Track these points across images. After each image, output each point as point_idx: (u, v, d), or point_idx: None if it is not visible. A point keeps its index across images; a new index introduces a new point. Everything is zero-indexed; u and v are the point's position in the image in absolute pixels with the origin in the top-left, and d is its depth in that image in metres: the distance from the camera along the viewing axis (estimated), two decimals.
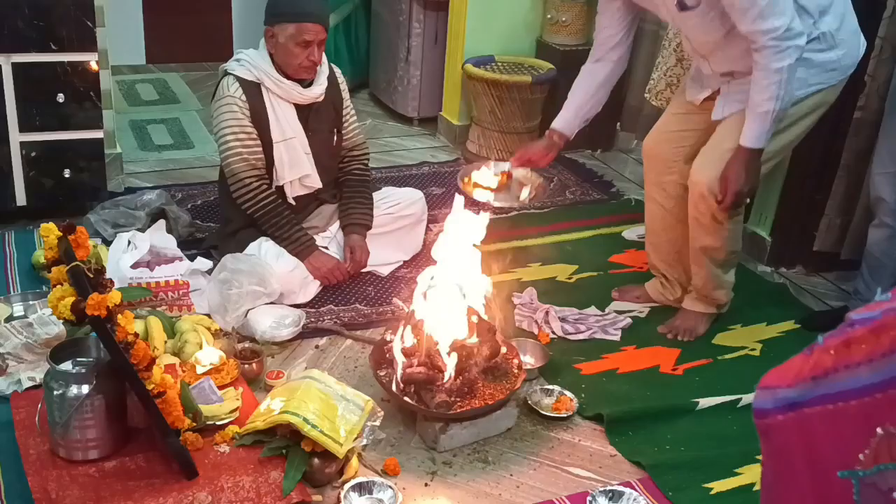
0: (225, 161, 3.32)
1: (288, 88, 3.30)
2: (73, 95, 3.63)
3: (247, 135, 3.28)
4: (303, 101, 3.36)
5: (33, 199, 3.73)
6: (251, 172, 3.30)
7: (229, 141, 3.28)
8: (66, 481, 2.36)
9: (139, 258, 3.22)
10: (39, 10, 3.47)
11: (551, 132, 3.27)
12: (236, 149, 3.28)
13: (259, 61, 3.28)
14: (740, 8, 2.68)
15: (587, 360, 3.15)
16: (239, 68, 3.28)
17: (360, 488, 2.44)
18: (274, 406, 2.52)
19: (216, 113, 3.31)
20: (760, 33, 2.68)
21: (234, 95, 3.26)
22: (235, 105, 3.26)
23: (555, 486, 2.58)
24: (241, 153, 3.29)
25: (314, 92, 3.37)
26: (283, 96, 3.31)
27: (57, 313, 2.32)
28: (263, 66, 3.27)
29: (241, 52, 3.35)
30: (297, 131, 3.37)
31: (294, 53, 3.22)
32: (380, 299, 3.44)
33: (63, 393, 2.37)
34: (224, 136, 3.29)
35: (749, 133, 2.83)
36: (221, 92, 3.29)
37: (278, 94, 3.30)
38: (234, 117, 3.26)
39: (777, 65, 2.70)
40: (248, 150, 3.30)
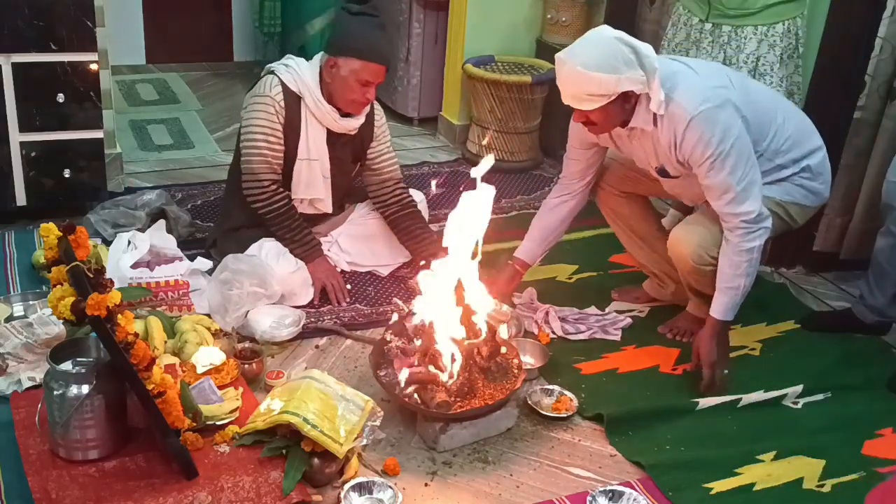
0: (246, 157, 3.27)
1: (326, 113, 3.28)
2: (73, 95, 3.63)
3: (276, 138, 3.25)
4: (338, 129, 3.34)
5: (33, 198, 3.73)
6: (270, 175, 3.27)
7: (257, 139, 3.24)
8: (66, 481, 2.36)
9: (139, 258, 3.22)
10: (39, 10, 3.47)
11: (514, 261, 3.31)
12: (261, 148, 3.25)
13: (307, 76, 3.24)
14: (716, 192, 2.81)
15: (587, 360, 3.15)
16: (286, 74, 3.25)
17: (360, 488, 2.44)
18: (274, 406, 2.52)
19: (250, 107, 3.26)
20: (733, 216, 2.82)
21: (275, 98, 3.22)
22: (273, 107, 3.22)
23: (555, 486, 2.58)
24: (264, 154, 3.25)
25: (351, 125, 3.35)
26: (319, 119, 3.29)
27: (57, 313, 2.32)
28: (309, 83, 3.24)
29: (290, 58, 3.32)
30: (321, 154, 3.35)
31: (352, 89, 3.20)
32: (380, 299, 3.43)
33: (63, 393, 2.37)
34: (252, 132, 3.25)
35: (718, 306, 2.92)
36: (262, 89, 3.24)
37: (315, 114, 3.28)
38: (269, 118, 3.23)
39: (748, 245, 2.83)
40: (273, 152, 3.26)
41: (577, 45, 2.71)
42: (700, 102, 2.73)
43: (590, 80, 2.63)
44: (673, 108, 2.75)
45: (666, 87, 2.73)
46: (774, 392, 3.01)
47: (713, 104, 2.74)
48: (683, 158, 2.82)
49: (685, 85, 2.77)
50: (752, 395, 2.98)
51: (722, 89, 2.80)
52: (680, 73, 2.80)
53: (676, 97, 2.75)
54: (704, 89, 2.78)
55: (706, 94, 2.76)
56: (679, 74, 2.79)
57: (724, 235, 2.88)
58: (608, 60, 2.63)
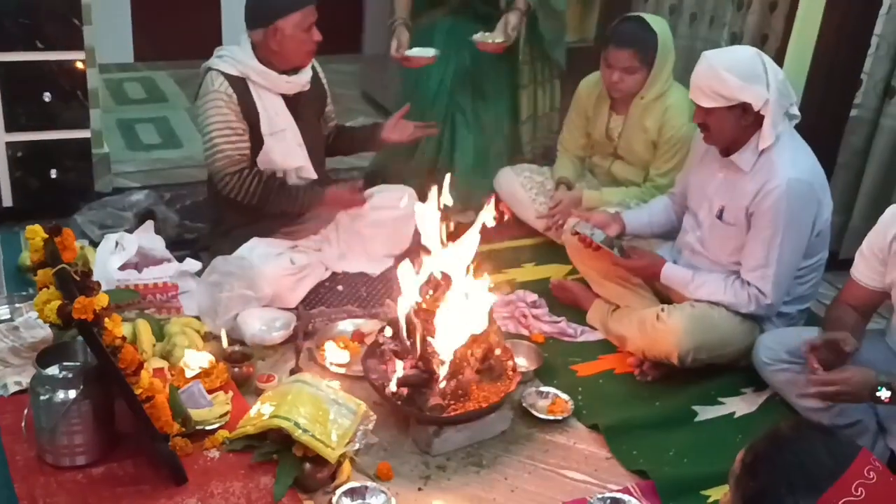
0: (208, 160, 3.27)
1: (275, 79, 3.27)
2: (60, 94, 3.60)
3: (232, 130, 3.24)
4: (290, 89, 3.33)
5: (19, 199, 3.71)
6: (232, 168, 3.25)
7: (214, 138, 3.23)
8: (53, 488, 2.34)
9: (127, 260, 3.18)
10: (26, 8, 3.45)
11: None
12: (220, 145, 3.23)
13: (242, 56, 3.24)
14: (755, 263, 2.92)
15: (583, 362, 3.13)
16: (222, 64, 3.24)
17: (352, 493, 2.41)
18: (264, 410, 2.49)
19: (200, 109, 3.26)
20: (753, 286, 2.94)
21: (220, 90, 3.21)
22: (221, 100, 3.21)
23: (550, 489, 2.55)
24: (224, 150, 3.24)
25: (302, 79, 3.35)
26: (270, 87, 3.28)
27: (43, 317, 2.29)
28: (247, 61, 3.24)
29: (221, 48, 3.32)
30: (287, 123, 3.34)
31: (302, 40, 3.22)
32: (371, 300, 3.40)
33: (50, 398, 2.34)
34: (209, 134, 3.24)
35: (675, 276, 3.06)
36: (206, 88, 3.24)
37: (265, 85, 3.27)
38: (220, 112, 3.22)
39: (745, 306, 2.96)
40: (233, 146, 3.25)
41: (723, 49, 3.00)
42: (802, 171, 2.86)
43: (717, 78, 2.78)
44: (775, 158, 2.85)
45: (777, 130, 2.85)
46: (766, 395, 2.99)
47: (810, 180, 2.87)
48: (754, 209, 2.89)
49: (794, 145, 2.92)
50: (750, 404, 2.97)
51: (819, 175, 2.94)
52: (792, 133, 2.94)
53: (784, 153, 2.86)
54: (809, 161, 2.92)
55: (812, 166, 2.91)
56: (791, 134, 2.94)
57: (733, 280, 2.99)
58: (741, 67, 2.78)
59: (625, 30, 3.43)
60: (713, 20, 4.34)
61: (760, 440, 1.61)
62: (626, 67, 3.41)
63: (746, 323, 2.99)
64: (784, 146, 2.87)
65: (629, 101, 3.53)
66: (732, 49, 2.97)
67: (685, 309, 2.98)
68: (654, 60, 3.41)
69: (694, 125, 3.10)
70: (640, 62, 3.40)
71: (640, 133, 3.55)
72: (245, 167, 3.28)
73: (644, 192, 3.58)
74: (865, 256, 2.65)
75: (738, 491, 1.60)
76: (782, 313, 3.06)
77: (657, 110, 3.48)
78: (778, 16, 3.88)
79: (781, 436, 1.60)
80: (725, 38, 4.13)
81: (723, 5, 4.23)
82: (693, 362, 2.93)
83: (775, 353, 2.80)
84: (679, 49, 3.91)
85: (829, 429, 1.71)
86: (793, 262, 2.93)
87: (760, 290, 2.92)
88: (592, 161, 3.86)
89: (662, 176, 3.54)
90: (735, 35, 4.08)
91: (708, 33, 4.37)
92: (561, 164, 3.86)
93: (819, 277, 3.11)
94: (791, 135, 2.93)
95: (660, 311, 2.99)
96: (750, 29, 3.99)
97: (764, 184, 2.85)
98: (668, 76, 3.48)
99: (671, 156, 3.50)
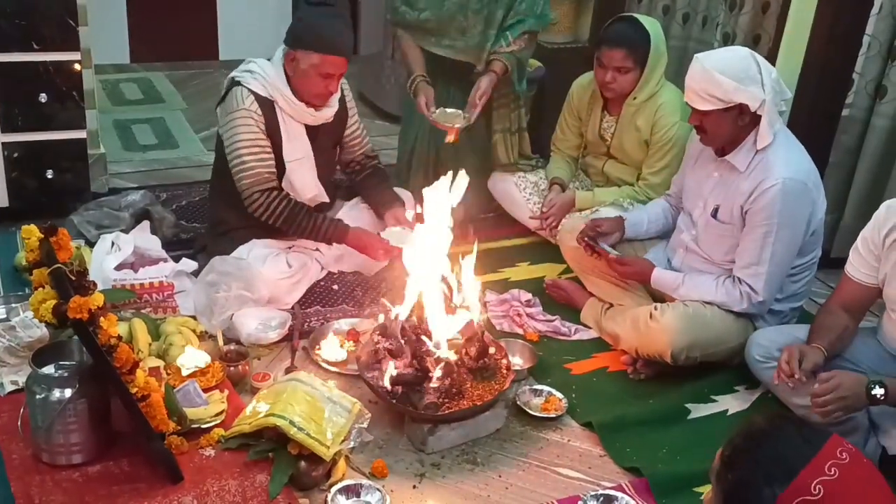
0: (236, 176, 3.20)
1: (301, 110, 3.23)
2: (56, 95, 3.60)
3: (261, 148, 3.18)
4: (314, 122, 3.29)
5: (16, 200, 3.70)
6: (262, 186, 3.20)
7: (243, 155, 3.17)
8: (49, 486, 2.34)
9: (123, 259, 3.19)
10: (21, 9, 3.44)
11: None
12: (249, 163, 3.17)
13: (274, 78, 3.17)
14: (748, 261, 2.93)
15: (577, 360, 3.15)
16: (253, 82, 3.17)
17: (347, 491, 2.42)
18: (260, 409, 2.50)
19: (229, 125, 3.18)
20: (745, 284, 2.95)
21: (250, 109, 3.14)
22: (251, 118, 3.14)
23: (544, 487, 2.57)
24: (253, 167, 3.18)
25: (326, 114, 3.30)
26: (295, 117, 3.24)
27: (39, 316, 2.29)
28: (279, 85, 3.17)
29: (252, 62, 3.24)
30: (306, 151, 3.31)
31: (314, 82, 3.15)
32: (367, 300, 3.41)
33: (45, 397, 2.34)
34: (237, 150, 3.17)
35: (665, 280, 3.09)
36: (235, 103, 3.15)
37: (290, 113, 3.23)
38: (250, 130, 3.15)
39: (737, 304, 2.97)
40: (262, 163, 3.19)
41: (716, 51, 2.96)
42: (797, 170, 2.87)
43: (712, 80, 2.78)
44: (770, 157, 2.87)
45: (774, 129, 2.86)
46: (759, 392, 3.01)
47: (804, 180, 2.87)
48: (749, 208, 2.90)
49: (789, 144, 2.93)
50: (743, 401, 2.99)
51: (814, 174, 2.94)
52: (786, 133, 2.96)
53: (779, 152, 2.88)
54: (804, 161, 2.93)
55: (807, 165, 2.92)
56: (786, 133, 2.95)
57: (724, 280, 3.00)
58: (735, 69, 2.78)
59: (617, 30, 3.45)
60: (706, 20, 4.36)
61: (737, 435, 1.64)
62: (619, 67, 3.42)
63: (739, 321, 3.01)
64: (779, 146, 2.88)
65: (622, 101, 3.54)
66: (725, 50, 2.96)
67: (678, 307, 2.99)
68: (647, 60, 3.42)
69: (686, 124, 3.11)
70: (633, 62, 3.42)
71: (633, 133, 3.57)
72: (274, 187, 3.23)
73: (637, 192, 3.60)
74: (860, 252, 2.66)
75: (719, 485, 1.63)
76: (775, 311, 3.07)
77: (649, 110, 3.50)
78: (770, 16, 3.90)
79: (757, 429, 1.62)
80: (718, 38, 4.14)
81: (715, 6, 4.24)
82: (686, 360, 2.94)
83: (768, 350, 2.81)
84: (672, 49, 3.93)
85: (802, 419, 1.75)
86: (786, 261, 2.94)
87: (752, 288, 2.93)
88: (585, 161, 3.87)
89: (655, 175, 3.55)
90: (728, 35, 4.09)
91: (701, 34, 4.38)
92: (554, 165, 3.87)
93: (812, 276, 3.12)
94: (786, 134, 2.95)
95: (653, 310, 3.00)
96: (742, 29, 4.01)
97: (759, 183, 2.86)
98: (660, 76, 3.49)
99: (663, 155, 3.51)
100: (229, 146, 3.19)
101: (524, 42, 3.67)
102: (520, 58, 3.69)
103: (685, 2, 4.45)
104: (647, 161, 3.59)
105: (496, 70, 3.63)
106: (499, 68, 3.63)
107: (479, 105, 3.60)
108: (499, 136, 3.92)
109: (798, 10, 3.62)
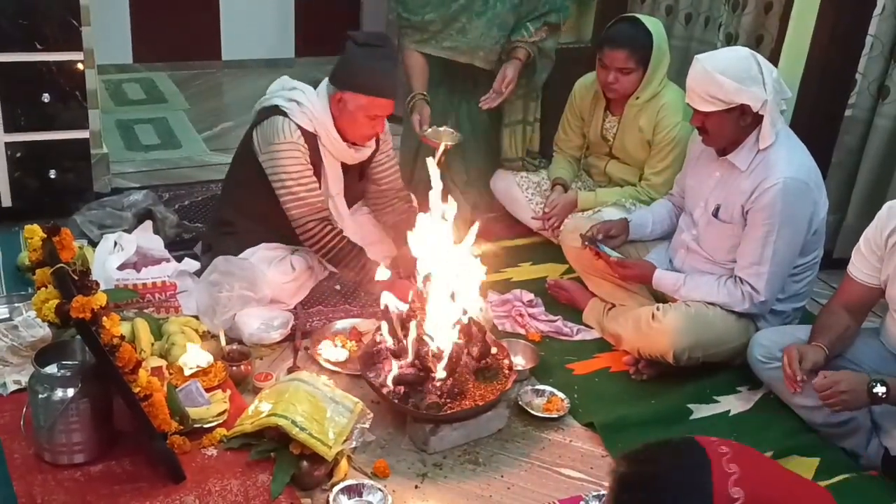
0: (287, 205, 3.15)
1: (343, 150, 3.21)
2: (59, 95, 3.60)
3: (309, 179, 3.15)
4: (352, 161, 3.29)
5: (18, 199, 3.71)
6: (317, 216, 3.17)
7: (292, 187, 3.13)
8: (51, 486, 2.34)
9: (126, 259, 3.19)
10: (24, 9, 3.45)
11: None
12: (300, 194, 3.14)
13: (321, 114, 3.14)
14: (750, 260, 2.92)
15: (579, 360, 3.15)
16: (300, 115, 3.13)
17: (349, 491, 2.42)
18: (262, 408, 2.50)
19: (277, 156, 3.11)
20: (747, 283, 2.94)
21: (298, 142, 3.10)
22: (299, 151, 3.11)
23: (546, 487, 2.56)
24: (305, 198, 3.15)
25: (364, 154, 3.31)
26: (335, 154, 3.23)
27: (41, 316, 2.30)
28: (325, 122, 3.15)
29: (296, 89, 3.18)
30: (340, 188, 3.32)
31: (361, 124, 3.13)
32: (368, 300, 3.40)
33: (48, 396, 2.34)
34: (286, 182, 3.13)
35: (666, 281, 3.08)
36: (281, 135, 3.09)
37: (331, 151, 3.21)
38: (298, 162, 3.12)
39: (738, 304, 2.96)
40: (312, 193, 3.16)
41: (716, 52, 2.94)
42: (798, 170, 2.85)
43: (713, 82, 2.77)
44: (772, 157, 2.86)
45: (776, 129, 2.86)
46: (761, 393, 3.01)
47: (806, 179, 2.86)
48: (750, 207, 2.89)
49: (790, 144, 2.92)
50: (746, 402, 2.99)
51: (815, 174, 2.93)
52: (787, 132, 2.95)
53: (781, 151, 2.87)
54: (805, 160, 2.92)
55: (809, 165, 2.91)
56: (787, 132, 2.95)
57: (726, 280, 2.99)
58: (736, 70, 2.78)
59: (620, 30, 3.44)
60: (708, 21, 4.35)
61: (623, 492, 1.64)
62: (622, 68, 3.42)
63: (741, 321, 3.00)
64: (781, 145, 2.88)
65: (624, 101, 3.54)
66: (726, 51, 2.96)
67: (680, 308, 2.99)
68: (650, 61, 3.42)
69: (688, 124, 3.11)
70: (636, 63, 3.42)
71: (635, 133, 3.57)
72: (328, 217, 3.21)
73: (639, 192, 3.60)
74: (862, 253, 2.66)
75: None
76: (777, 311, 3.07)
77: (652, 110, 3.50)
78: (773, 16, 3.90)
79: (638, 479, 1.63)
80: (721, 38, 4.14)
81: (718, 6, 4.24)
82: (688, 361, 2.94)
83: (770, 351, 2.81)
84: (674, 50, 3.92)
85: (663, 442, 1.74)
86: (787, 261, 2.94)
87: (754, 288, 2.92)
88: (588, 161, 3.88)
89: (657, 175, 3.55)
90: (730, 36, 4.09)
91: (703, 34, 4.38)
92: (556, 165, 3.87)
93: (814, 276, 3.12)
94: (787, 134, 2.94)
95: (655, 310, 3.00)
96: (745, 29, 4.01)
97: (761, 182, 2.85)
98: (662, 76, 3.49)
99: (665, 155, 3.51)
100: (276, 177, 3.14)
101: (545, 33, 3.75)
102: (542, 47, 3.76)
103: (688, 2, 4.45)
104: (649, 161, 3.59)
105: (520, 57, 3.69)
106: (522, 55, 3.70)
107: (505, 93, 3.65)
108: (508, 130, 3.95)
109: (800, 11, 3.62)
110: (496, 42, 3.68)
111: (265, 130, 3.13)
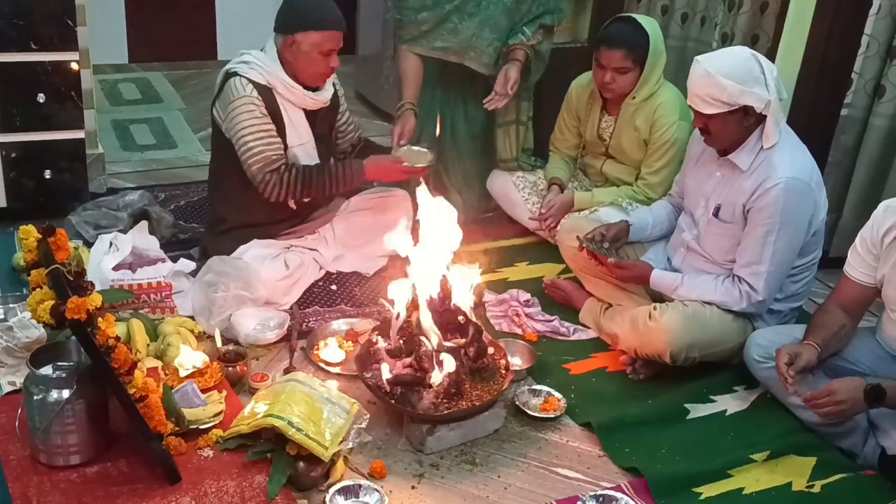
0: (246, 163, 3.18)
1: (301, 94, 3.24)
2: (54, 95, 3.60)
3: (266, 132, 3.18)
4: (314, 106, 3.31)
5: (13, 200, 3.70)
6: (272, 167, 3.19)
7: (249, 142, 3.16)
8: (47, 487, 2.34)
9: (121, 260, 3.18)
10: (19, 9, 3.44)
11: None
12: (255, 148, 3.16)
13: (271, 66, 3.19)
14: (749, 259, 2.92)
15: (576, 360, 3.15)
16: (250, 72, 3.17)
17: (345, 492, 2.42)
18: (258, 409, 2.50)
19: (233, 114, 3.15)
20: (745, 282, 2.94)
21: (251, 96, 3.15)
22: (253, 104, 3.15)
23: (543, 487, 2.57)
24: (262, 151, 3.17)
25: (324, 96, 3.33)
26: (295, 102, 3.25)
27: (36, 317, 2.28)
28: (276, 72, 3.19)
29: (246, 53, 3.25)
30: (308, 136, 3.33)
31: (316, 61, 3.17)
32: (365, 300, 3.41)
33: (43, 398, 2.34)
34: (243, 137, 3.16)
35: (664, 282, 3.08)
36: (235, 93, 3.15)
37: (290, 99, 3.24)
38: (253, 115, 3.15)
39: (736, 303, 2.96)
40: (270, 146, 3.18)
41: (716, 53, 2.91)
42: (800, 170, 2.86)
43: (715, 84, 2.75)
44: (773, 157, 2.86)
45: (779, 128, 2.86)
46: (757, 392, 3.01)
47: (807, 180, 2.86)
48: (751, 207, 2.89)
49: (792, 144, 2.92)
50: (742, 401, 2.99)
51: (816, 174, 2.93)
52: (789, 132, 2.95)
53: (783, 152, 2.87)
54: (807, 161, 2.92)
55: (810, 166, 2.91)
56: (788, 132, 2.94)
57: (724, 280, 2.99)
58: (738, 71, 2.76)
59: (616, 30, 3.44)
60: (704, 20, 4.35)
61: None
62: (618, 68, 3.42)
63: (738, 321, 3.00)
64: (782, 145, 2.88)
65: (620, 101, 3.54)
66: (727, 52, 2.92)
67: (677, 307, 2.99)
68: (646, 61, 3.42)
69: (685, 124, 3.10)
70: (632, 62, 3.41)
71: (632, 133, 3.56)
72: (283, 164, 3.22)
73: (636, 192, 3.60)
74: (858, 252, 2.66)
75: None
76: (774, 311, 3.07)
77: (648, 110, 3.50)
78: (769, 16, 3.90)
79: None
80: (717, 38, 4.14)
81: (714, 6, 4.24)
82: (685, 360, 2.94)
83: (767, 350, 2.81)
84: (671, 49, 3.93)
85: None
86: (786, 261, 2.94)
87: (752, 287, 2.92)
88: (584, 161, 3.87)
89: (654, 175, 3.55)
90: (726, 35, 4.09)
91: (699, 34, 4.38)
92: (553, 165, 3.87)
93: (812, 276, 3.12)
94: (788, 134, 2.94)
95: (652, 310, 3.00)
96: (741, 29, 4.00)
97: (762, 182, 2.85)
98: (659, 76, 3.49)
99: (662, 154, 3.51)
100: (235, 134, 3.18)
101: (541, 36, 3.79)
102: (538, 50, 3.79)
103: (684, 2, 4.45)
104: (645, 161, 3.59)
105: (520, 58, 3.72)
106: (522, 56, 3.73)
107: (510, 94, 3.68)
108: (501, 130, 3.96)
109: (797, 10, 3.61)
110: (489, 44, 3.69)
111: (223, 96, 3.21)
